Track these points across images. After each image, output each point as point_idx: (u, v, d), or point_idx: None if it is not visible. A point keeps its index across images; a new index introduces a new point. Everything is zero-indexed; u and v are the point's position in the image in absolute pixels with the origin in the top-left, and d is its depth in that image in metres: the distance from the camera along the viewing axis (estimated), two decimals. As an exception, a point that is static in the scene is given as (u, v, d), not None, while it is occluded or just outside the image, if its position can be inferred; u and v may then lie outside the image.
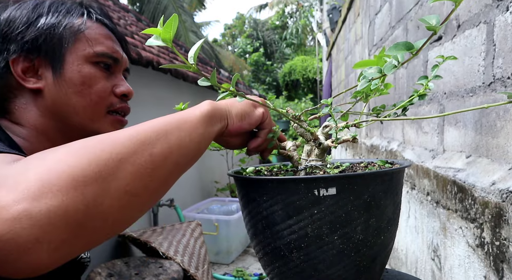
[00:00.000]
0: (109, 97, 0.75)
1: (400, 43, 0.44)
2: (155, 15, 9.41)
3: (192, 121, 0.52)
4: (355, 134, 0.61)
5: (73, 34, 0.72)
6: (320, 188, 0.52)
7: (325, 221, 0.53)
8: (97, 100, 0.73)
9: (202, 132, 0.53)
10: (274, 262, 0.58)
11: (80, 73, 0.72)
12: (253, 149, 0.66)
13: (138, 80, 3.29)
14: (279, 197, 0.54)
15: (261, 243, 0.59)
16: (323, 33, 6.99)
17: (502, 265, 0.64)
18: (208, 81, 0.50)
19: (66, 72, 0.71)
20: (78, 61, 0.72)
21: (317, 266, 0.55)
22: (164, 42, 0.47)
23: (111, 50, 0.76)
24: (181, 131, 0.50)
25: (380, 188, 0.55)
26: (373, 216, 0.55)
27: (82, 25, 0.73)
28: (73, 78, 0.71)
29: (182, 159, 0.50)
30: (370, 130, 2.26)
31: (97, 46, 0.74)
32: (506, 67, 0.69)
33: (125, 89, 0.78)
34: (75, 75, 0.71)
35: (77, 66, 0.72)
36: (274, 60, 18.85)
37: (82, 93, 0.72)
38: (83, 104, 0.72)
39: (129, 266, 2.29)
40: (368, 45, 2.26)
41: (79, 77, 0.72)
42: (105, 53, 0.75)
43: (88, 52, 0.73)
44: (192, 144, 0.51)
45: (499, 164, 0.71)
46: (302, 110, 0.64)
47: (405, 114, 0.63)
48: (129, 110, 0.80)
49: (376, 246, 0.57)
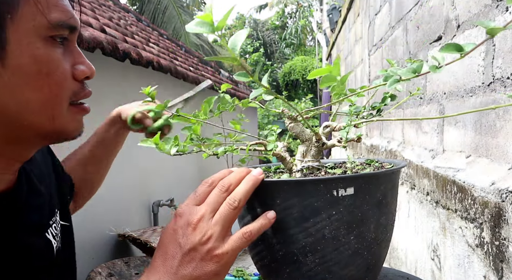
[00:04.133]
0: (70, 85, 0.56)
1: (451, 44, 0.43)
2: (155, 15, 9.41)
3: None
4: (359, 134, 0.61)
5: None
6: (339, 188, 0.51)
7: (343, 222, 0.52)
8: (57, 92, 0.54)
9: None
10: (284, 268, 0.56)
11: (34, 58, 0.50)
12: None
13: (138, 80, 3.29)
14: (295, 199, 0.52)
15: (268, 250, 0.56)
16: (323, 33, 6.99)
17: (501, 265, 0.64)
18: (247, 77, 0.45)
19: (12, 57, 0.49)
20: (29, 39, 0.50)
21: (332, 268, 0.54)
22: (215, 30, 0.40)
23: (68, 14, 0.54)
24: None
25: (389, 186, 0.57)
26: (383, 214, 0.56)
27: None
28: (24, 65, 0.50)
29: None
30: (370, 130, 2.26)
31: (50, 11, 0.51)
32: (505, 67, 0.69)
33: (87, 69, 0.58)
34: (26, 60, 0.50)
35: (27, 46, 0.49)
36: (274, 60, 18.85)
37: (38, 86, 0.52)
38: (40, 100, 0.52)
39: (129, 266, 2.29)
40: (368, 45, 2.26)
41: (33, 64, 0.50)
42: (62, 22, 0.52)
43: (40, 22, 0.50)
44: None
45: (498, 163, 0.71)
46: (302, 110, 0.63)
47: (380, 115, 0.64)
48: (91, 95, 0.61)
49: (383, 243, 0.58)
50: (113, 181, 2.92)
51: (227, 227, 0.52)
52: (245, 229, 0.52)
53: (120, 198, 2.99)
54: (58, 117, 0.56)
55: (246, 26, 20.30)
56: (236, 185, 0.53)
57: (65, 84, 0.55)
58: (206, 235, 0.50)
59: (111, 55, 2.48)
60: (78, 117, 0.60)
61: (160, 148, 0.60)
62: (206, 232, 0.50)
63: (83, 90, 0.59)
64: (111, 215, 2.76)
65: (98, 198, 1.08)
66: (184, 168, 4.35)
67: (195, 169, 4.64)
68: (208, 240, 0.50)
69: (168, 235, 0.52)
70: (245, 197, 0.52)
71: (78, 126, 0.61)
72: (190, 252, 0.50)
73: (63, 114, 0.56)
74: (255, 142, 0.66)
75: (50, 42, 0.52)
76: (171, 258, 0.50)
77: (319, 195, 0.51)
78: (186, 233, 0.51)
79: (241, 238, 0.52)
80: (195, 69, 4.77)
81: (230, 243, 0.51)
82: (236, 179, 0.54)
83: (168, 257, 0.51)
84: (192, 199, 0.54)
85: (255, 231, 0.52)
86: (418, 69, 0.46)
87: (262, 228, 0.52)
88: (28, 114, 0.53)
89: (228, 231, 0.52)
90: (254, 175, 0.53)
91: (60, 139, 0.61)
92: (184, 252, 0.50)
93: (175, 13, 9.36)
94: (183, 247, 0.50)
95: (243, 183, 0.53)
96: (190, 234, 0.50)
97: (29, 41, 0.50)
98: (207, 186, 0.54)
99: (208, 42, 10.51)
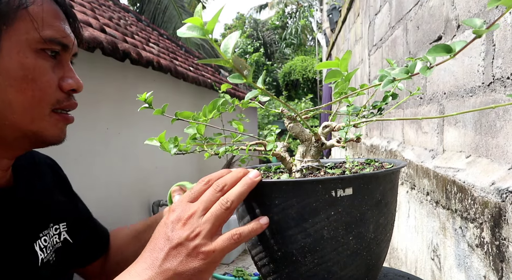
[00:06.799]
0: (54, 93, 0.62)
1: (440, 46, 0.43)
2: (156, 15, 9.41)
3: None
4: (359, 134, 0.61)
5: (13, 11, 0.57)
6: (338, 189, 0.51)
7: (341, 222, 0.52)
8: (40, 97, 0.60)
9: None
10: (283, 269, 0.56)
11: (21, 65, 0.57)
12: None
13: (138, 80, 3.29)
14: (294, 200, 0.52)
15: (267, 250, 0.56)
16: (323, 33, 6.99)
17: (501, 265, 0.64)
18: (242, 79, 0.46)
19: (1, 61, 0.56)
20: (19, 48, 0.57)
21: (331, 268, 0.54)
22: (205, 33, 0.41)
23: (61, 34, 0.61)
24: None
25: (388, 186, 0.57)
26: (382, 214, 0.56)
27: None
28: (11, 69, 0.57)
29: None
30: (370, 130, 2.26)
31: (44, 29, 0.59)
32: (505, 67, 0.69)
33: (74, 83, 0.64)
34: (14, 66, 0.57)
35: (17, 54, 0.57)
36: (274, 60, 18.85)
37: (22, 89, 0.58)
38: (22, 102, 0.58)
39: (129, 266, 2.29)
40: (368, 45, 2.26)
41: (20, 70, 0.57)
42: (54, 39, 0.60)
43: (33, 36, 0.58)
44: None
45: (498, 163, 0.71)
46: (302, 110, 0.63)
47: (381, 115, 0.64)
48: (76, 106, 0.67)
49: (383, 243, 0.58)
50: (113, 181, 2.93)
51: (217, 226, 0.52)
52: (235, 231, 0.52)
53: (120, 197, 2.99)
54: (38, 120, 0.61)
55: (246, 26, 20.29)
56: (232, 186, 0.54)
57: (49, 91, 0.61)
58: (195, 231, 0.51)
59: (111, 55, 2.48)
60: (60, 125, 0.64)
61: (164, 147, 0.61)
62: (195, 229, 0.51)
63: (67, 100, 0.64)
64: (111, 214, 2.75)
65: (98, 198, 1.08)
66: (184, 168, 4.35)
67: (195, 169, 4.64)
68: (196, 236, 0.50)
69: (159, 229, 0.53)
70: (238, 199, 0.52)
71: (58, 133, 0.65)
72: (177, 247, 0.50)
73: (44, 118, 0.61)
74: (255, 142, 0.65)
75: (41, 54, 0.60)
76: (159, 250, 0.51)
77: (317, 195, 0.51)
78: (176, 228, 0.51)
79: (230, 239, 0.52)
80: (195, 69, 4.77)
81: (218, 242, 0.51)
82: (232, 180, 0.54)
83: (156, 249, 0.51)
84: (187, 196, 0.55)
85: (245, 234, 0.52)
86: (411, 69, 0.46)
87: (252, 232, 0.53)
88: (10, 113, 0.58)
89: (217, 230, 0.52)
90: (250, 177, 0.53)
91: (39, 142, 0.64)
92: (172, 245, 0.50)
93: (175, 13, 9.36)
94: (171, 241, 0.51)
95: (239, 184, 0.53)
96: (179, 229, 0.51)
97: (19, 50, 0.57)
98: (203, 184, 0.55)
99: (209, 42, 10.50)
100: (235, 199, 0.52)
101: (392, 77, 0.47)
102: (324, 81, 0.54)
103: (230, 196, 0.52)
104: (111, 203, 2.80)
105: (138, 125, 3.21)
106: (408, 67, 0.46)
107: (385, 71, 0.48)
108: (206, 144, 0.65)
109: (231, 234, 0.52)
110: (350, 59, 0.48)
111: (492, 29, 0.37)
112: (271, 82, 17.06)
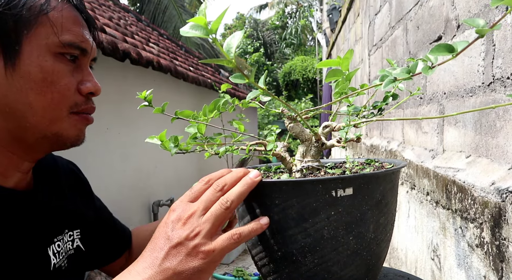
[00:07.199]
0: (73, 96, 0.64)
1: (442, 45, 0.43)
2: (156, 15, 9.41)
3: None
4: (359, 134, 0.61)
5: (34, 17, 0.58)
6: (338, 189, 0.51)
7: (342, 222, 0.52)
8: (59, 100, 0.62)
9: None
10: (283, 269, 0.56)
11: (41, 68, 0.59)
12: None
13: (138, 80, 3.29)
14: (294, 200, 0.52)
15: (267, 250, 0.56)
16: (323, 33, 6.99)
17: (501, 265, 0.64)
18: (244, 79, 0.46)
19: (22, 64, 0.58)
20: (39, 52, 0.59)
21: (331, 268, 0.54)
22: (209, 33, 0.40)
23: (80, 39, 0.63)
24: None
25: (388, 186, 0.57)
26: (382, 214, 0.56)
27: (46, 4, 0.60)
28: (32, 72, 0.59)
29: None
30: (370, 130, 2.26)
31: (64, 33, 0.61)
32: (505, 67, 0.69)
33: (92, 86, 0.66)
34: (34, 69, 0.59)
35: (37, 58, 0.59)
36: (274, 60, 18.86)
37: (42, 91, 0.60)
38: (42, 104, 0.60)
39: (129, 266, 2.29)
40: (368, 45, 2.26)
41: (39, 73, 0.59)
42: (73, 43, 0.62)
43: (52, 41, 0.60)
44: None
45: (498, 163, 0.71)
46: (302, 110, 0.63)
47: (382, 114, 0.64)
48: (94, 110, 0.69)
49: (383, 243, 0.58)
50: (113, 181, 2.93)
51: (216, 226, 0.52)
52: (235, 231, 0.53)
53: (120, 197, 2.99)
54: (57, 121, 0.63)
55: (246, 26, 20.30)
56: (232, 186, 0.54)
57: (68, 94, 0.63)
58: (195, 231, 0.51)
59: (111, 55, 2.48)
60: (79, 126, 0.66)
61: (164, 146, 0.61)
62: (194, 228, 0.51)
63: (85, 103, 0.66)
64: (111, 215, 2.75)
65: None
66: (184, 168, 4.35)
67: (195, 169, 4.64)
68: (196, 236, 0.51)
69: (159, 228, 0.54)
70: (238, 199, 0.53)
71: (78, 133, 0.66)
72: (177, 246, 0.51)
73: (63, 120, 0.63)
74: (255, 141, 0.65)
75: (60, 58, 0.61)
76: (159, 249, 0.51)
77: (317, 195, 0.51)
78: (176, 227, 0.52)
79: (230, 238, 0.52)
80: (195, 69, 4.76)
81: (218, 242, 0.51)
82: (233, 180, 0.54)
83: (156, 249, 0.52)
84: (187, 196, 0.55)
85: (245, 234, 0.52)
86: (412, 69, 0.46)
87: (252, 232, 0.53)
88: (30, 115, 0.60)
89: (217, 229, 0.53)
90: (251, 177, 0.54)
91: (59, 143, 0.66)
92: (172, 245, 0.51)
93: (175, 13, 9.36)
94: (171, 240, 0.51)
95: (239, 184, 0.53)
96: (179, 229, 0.51)
97: (39, 54, 0.59)
98: (203, 184, 0.55)
99: (208, 41, 10.51)
100: (235, 198, 0.52)
101: (393, 77, 0.47)
102: (325, 80, 0.54)
103: (230, 195, 0.52)
104: (111, 203, 2.79)
105: (138, 125, 3.21)
106: (410, 67, 0.46)
107: (386, 71, 0.48)
108: (207, 143, 0.65)
109: (230, 234, 0.52)
110: (351, 58, 0.48)
111: (494, 29, 0.37)
112: (271, 82, 17.07)
